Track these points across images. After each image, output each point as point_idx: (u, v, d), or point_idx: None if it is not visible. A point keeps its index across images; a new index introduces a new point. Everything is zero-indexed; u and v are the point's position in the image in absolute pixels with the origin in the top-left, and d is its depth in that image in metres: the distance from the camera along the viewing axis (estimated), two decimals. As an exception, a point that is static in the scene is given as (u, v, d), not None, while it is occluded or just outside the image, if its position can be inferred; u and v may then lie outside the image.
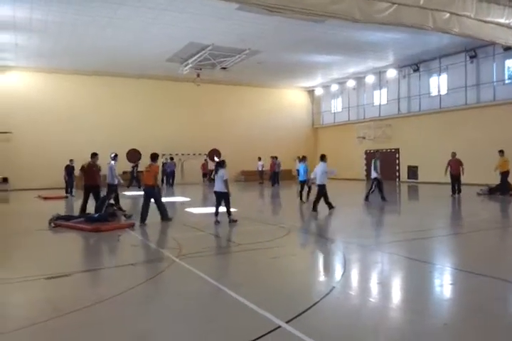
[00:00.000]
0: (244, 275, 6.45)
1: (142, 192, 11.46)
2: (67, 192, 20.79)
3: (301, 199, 15.91)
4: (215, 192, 10.95)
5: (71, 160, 20.79)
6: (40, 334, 4.17)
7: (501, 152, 18.09)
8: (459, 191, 17.40)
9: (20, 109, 25.72)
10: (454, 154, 18.12)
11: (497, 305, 4.78)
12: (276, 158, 27.32)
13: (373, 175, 15.34)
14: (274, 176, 26.39)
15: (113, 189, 13.05)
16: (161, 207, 11.21)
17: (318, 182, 12.86)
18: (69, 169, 20.74)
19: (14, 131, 25.52)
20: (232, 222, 10.74)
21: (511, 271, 6.16)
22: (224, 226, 10.46)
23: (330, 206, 12.85)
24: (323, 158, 13.10)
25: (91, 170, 12.31)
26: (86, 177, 12.42)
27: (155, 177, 11.04)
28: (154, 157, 11.19)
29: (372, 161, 15.53)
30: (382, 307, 4.81)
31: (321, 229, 10.93)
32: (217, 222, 10.73)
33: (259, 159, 28.15)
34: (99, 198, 11.96)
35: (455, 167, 17.66)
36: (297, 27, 18.96)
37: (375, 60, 26.30)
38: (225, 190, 10.73)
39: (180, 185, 27.51)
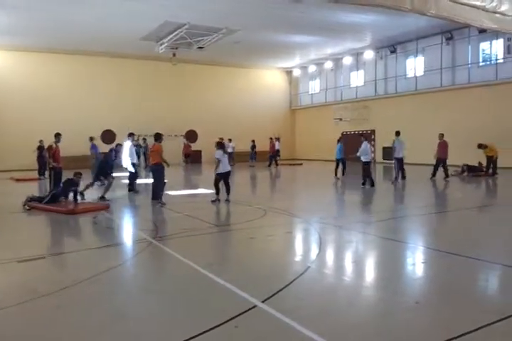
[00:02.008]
0: (220, 256, 6.51)
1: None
2: (40, 174, 20.37)
3: (336, 175, 17.51)
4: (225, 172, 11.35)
5: (41, 141, 20.18)
6: (16, 316, 4.13)
7: (481, 146, 17.68)
8: (434, 175, 16.66)
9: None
10: (441, 136, 16.98)
11: (468, 284, 4.92)
12: (271, 138, 28.30)
13: (396, 155, 16.10)
14: (272, 157, 27.26)
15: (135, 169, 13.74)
16: (154, 187, 11.48)
17: (365, 159, 14.37)
18: (41, 150, 20.21)
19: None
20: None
21: (482, 250, 6.33)
22: (202, 208, 10.49)
23: (368, 182, 14.27)
24: (365, 137, 14.96)
25: (49, 152, 12.23)
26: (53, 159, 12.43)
27: (159, 155, 11.32)
28: (156, 137, 11.62)
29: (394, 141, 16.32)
30: (355, 285, 4.91)
31: (300, 209, 11.02)
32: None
33: (230, 140, 27.52)
34: (58, 180, 11.99)
35: (444, 150, 16.60)
36: (274, 6, 18.71)
37: (352, 41, 26.25)
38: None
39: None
